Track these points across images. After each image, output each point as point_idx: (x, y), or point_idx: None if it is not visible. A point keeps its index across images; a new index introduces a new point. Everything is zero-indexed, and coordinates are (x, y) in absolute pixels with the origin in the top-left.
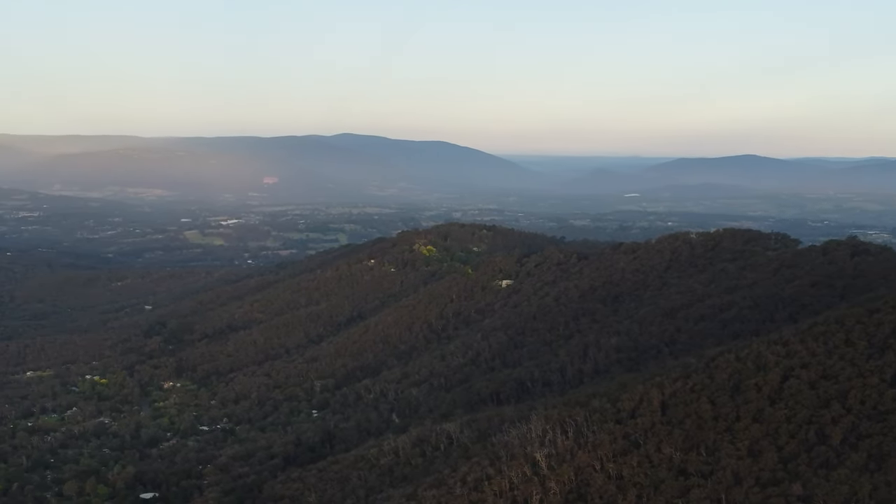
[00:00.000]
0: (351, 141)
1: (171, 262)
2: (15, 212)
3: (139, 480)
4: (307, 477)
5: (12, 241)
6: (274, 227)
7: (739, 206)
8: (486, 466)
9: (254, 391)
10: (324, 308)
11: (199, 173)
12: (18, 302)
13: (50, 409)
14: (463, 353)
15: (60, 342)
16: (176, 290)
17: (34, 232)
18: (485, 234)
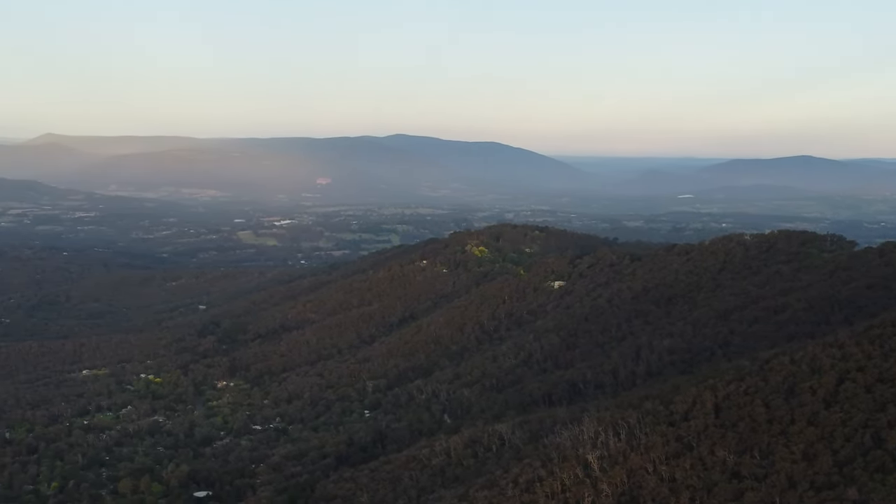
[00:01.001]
0: (404, 142)
1: (224, 262)
2: (71, 212)
3: (193, 479)
4: (359, 477)
5: (69, 241)
6: (327, 227)
7: (794, 207)
8: (538, 468)
9: (306, 391)
10: (376, 308)
11: (253, 174)
12: (75, 301)
13: (105, 407)
14: (515, 355)
15: (116, 341)
16: (229, 290)
17: (90, 232)
18: (537, 235)
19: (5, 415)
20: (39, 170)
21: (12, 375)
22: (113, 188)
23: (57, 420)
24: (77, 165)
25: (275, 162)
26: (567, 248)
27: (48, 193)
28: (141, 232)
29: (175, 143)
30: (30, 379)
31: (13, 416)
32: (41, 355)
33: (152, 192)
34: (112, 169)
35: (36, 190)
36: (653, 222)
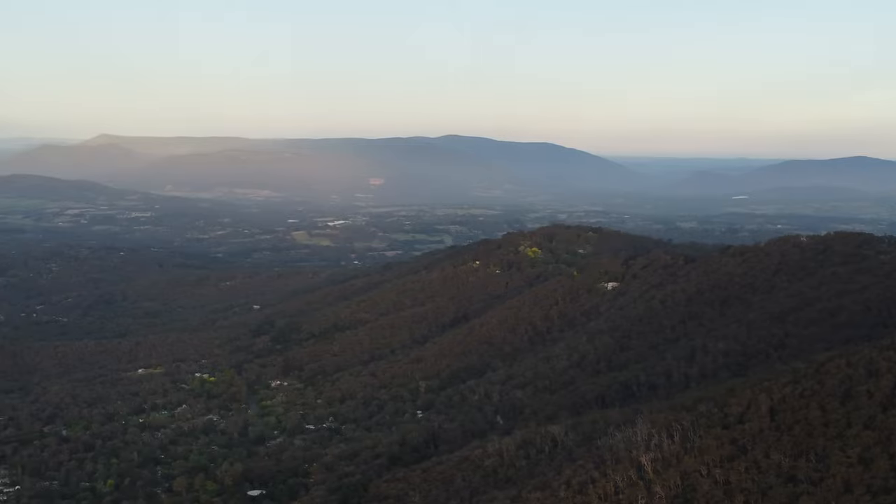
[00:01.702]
0: (457, 142)
1: (278, 262)
2: (127, 212)
3: (247, 478)
4: (412, 477)
5: (125, 240)
6: (380, 228)
7: (851, 208)
8: (591, 470)
9: (359, 391)
10: (429, 309)
11: (306, 175)
12: (131, 300)
13: (160, 405)
14: (568, 356)
15: (171, 340)
16: (283, 290)
17: (146, 232)
18: (590, 235)
19: (62, 413)
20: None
21: (69, 373)
22: (168, 188)
23: (113, 418)
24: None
25: (328, 162)
26: (620, 250)
27: (104, 194)
28: (196, 232)
29: (229, 143)
30: (86, 377)
31: (70, 414)
32: (98, 354)
33: (207, 193)
34: (167, 169)
35: (92, 190)
36: (707, 223)
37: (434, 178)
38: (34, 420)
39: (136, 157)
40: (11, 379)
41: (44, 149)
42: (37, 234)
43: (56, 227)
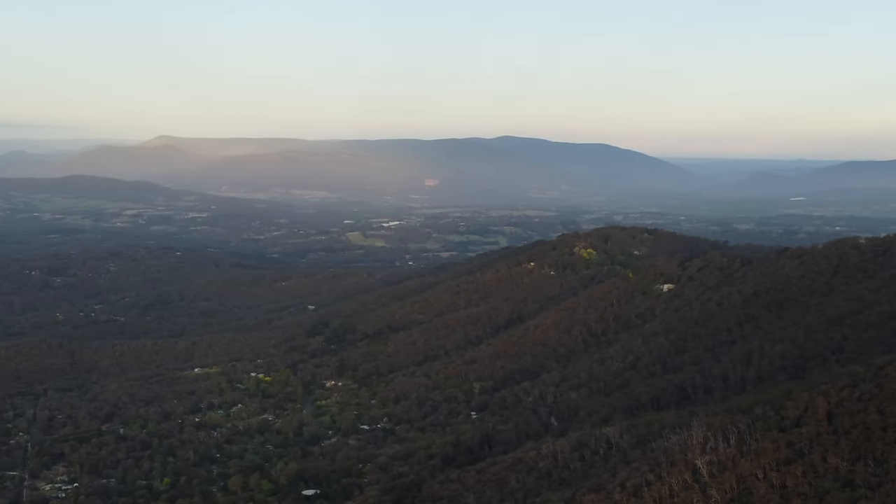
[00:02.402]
0: (512, 143)
1: (333, 262)
2: (184, 212)
3: (301, 477)
4: (466, 478)
5: (182, 240)
6: (434, 229)
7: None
8: (646, 472)
9: (413, 391)
10: (483, 310)
11: (362, 175)
12: (187, 300)
13: (216, 405)
14: (623, 358)
15: (227, 340)
16: (338, 291)
17: (202, 232)
18: (646, 237)
19: (120, 411)
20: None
21: (127, 372)
22: (225, 189)
23: (169, 417)
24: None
25: (383, 163)
26: (676, 251)
27: (162, 194)
28: (252, 232)
29: (286, 144)
30: (144, 376)
31: (127, 413)
32: (155, 353)
33: (263, 193)
34: (224, 170)
35: (150, 191)
36: (764, 225)
37: (489, 179)
38: (92, 418)
39: (193, 158)
40: (70, 377)
41: (103, 150)
42: (96, 234)
43: (114, 227)
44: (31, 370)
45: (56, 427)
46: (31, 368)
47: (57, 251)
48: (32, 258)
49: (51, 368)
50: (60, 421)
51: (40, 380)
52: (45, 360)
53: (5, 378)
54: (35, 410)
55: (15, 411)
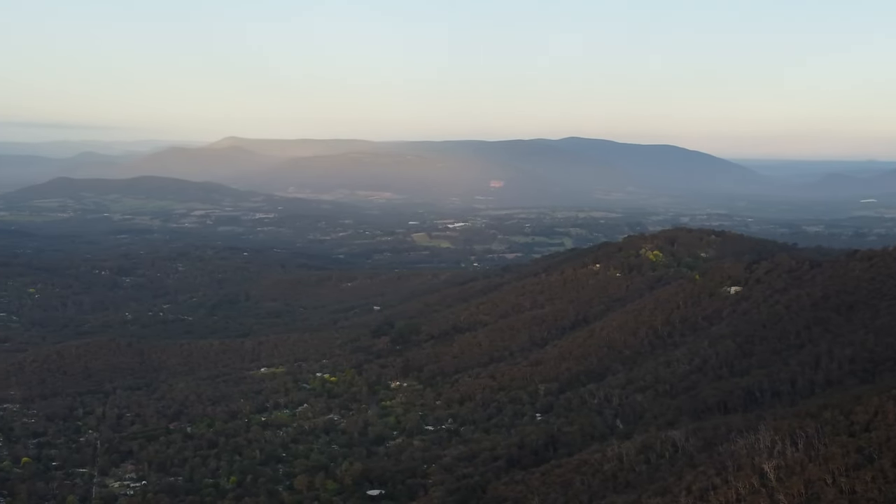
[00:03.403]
0: (577, 145)
1: (398, 263)
2: (251, 213)
3: (366, 477)
4: (530, 480)
5: (248, 241)
6: (500, 230)
7: None
8: (713, 476)
9: (478, 393)
10: (548, 311)
11: (427, 177)
12: (254, 300)
13: (282, 404)
14: (689, 360)
15: (293, 340)
16: (403, 292)
17: (269, 233)
18: (713, 239)
19: (188, 410)
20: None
21: (194, 372)
22: (291, 190)
23: (236, 416)
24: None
25: (448, 165)
26: (744, 253)
27: (229, 195)
28: (318, 233)
29: (351, 146)
30: (210, 375)
31: (195, 412)
32: (222, 353)
33: (329, 194)
34: (290, 171)
35: (218, 192)
36: (834, 227)
37: (555, 180)
38: (160, 417)
39: (260, 159)
40: (139, 376)
41: (172, 151)
42: (164, 234)
43: (182, 227)
44: (100, 369)
45: (125, 425)
46: (101, 367)
47: (126, 251)
48: (102, 258)
49: (120, 367)
50: (129, 419)
51: (110, 378)
52: (115, 358)
53: (76, 376)
54: (104, 408)
55: (85, 409)
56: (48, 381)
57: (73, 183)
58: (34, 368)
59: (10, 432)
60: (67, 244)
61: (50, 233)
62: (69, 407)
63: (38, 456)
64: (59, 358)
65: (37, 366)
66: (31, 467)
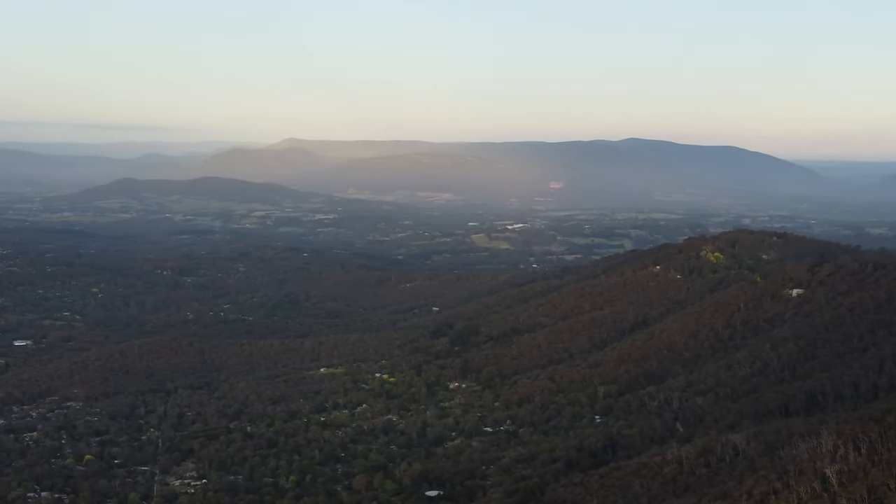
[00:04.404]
0: (638, 145)
1: (457, 264)
2: (311, 214)
3: (425, 478)
4: (589, 482)
5: (308, 242)
6: (559, 231)
7: None
8: (774, 480)
9: (537, 394)
10: (608, 313)
11: (487, 178)
12: (313, 301)
13: (341, 404)
14: (750, 363)
15: (352, 340)
16: (462, 293)
17: (329, 234)
18: (775, 241)
19: (247, 409)
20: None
21: (254, 371)
22: (351, 191)
23: (295, 416)
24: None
25: (508, 166)
26: (806, 255)
27: (290, 196)
28: (377, 234)
29: (411, 147)
30: (270, 375)
31: (255, 411)
32: (282, 353)
33: (389, 196)
34: (350, 172)
35: (278, 193)
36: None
37: (614, 181)
38: (221, 416)
39: (321, 160)
40: (200, 375)
41: (233, 152)
42: (225, 235)
43: (243, 228)
44: (162, 368)
45: (186, 424)
46: (163, 366)
47: (188, 251)
48: (164, 258)
49: (181, 366)
50: (190, 418)
51: (171, 377)
52: (176, 358)
53: (138, 375)
54: (166, 407)
55: (146, 408)
56: (111, 379)
57: (136, 184)
58: (97, 367)
59: (73, 430)
60: (130, 244)
61: (113, 233)
62: (131, 405)
63: (100, 454)
64: (121, 357)
65: (100, 364)
66: (94, 465)
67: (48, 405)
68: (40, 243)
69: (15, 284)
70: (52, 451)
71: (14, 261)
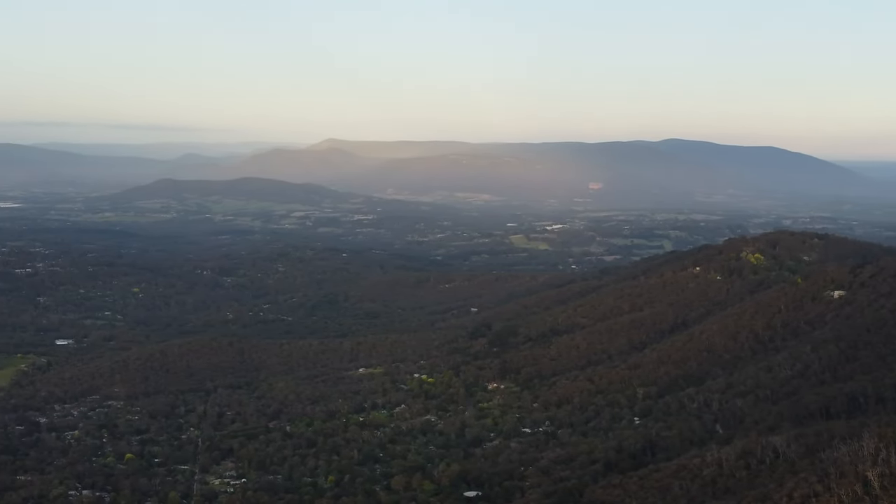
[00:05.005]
0: (677, 146)
1: (496, 265)
2: (350, 215)
3: (463, 478)
4: (628, 484)
5: (348, 242)
6: (598, 232)
7: None
8: (814, 483)
9: (576, 396)
10: (647, 315)
11: (525, 178)
12: (352, 301)
13: (380, 405)
14: (791, 365)
15: (391, 341)
16: (501, 294)
17: (368, 234)
18: (816, 242)
19: (287, 409)
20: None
21: (293, 371)
22: (390, 192)
23: (334, 416)
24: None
25: (546, 167)
26: (848, 257)
27: (329, 197)
28: (416, 235)
29: (450, 147)
30: (309, 375)
31: (294, 411)
32: (321, 353)
33: (427, 196)
34: (389, 173)
35: (318, 193)
36: None
37: (654, 182)
38: (260, 415)
39: (360, 161)
40: (239, 375)
41: (273, 153)
42: (265, 235)
43: (283, 228)
44: (202, 367)
45: (225, 423)
46: (203, 366)
47: (228, 252)
48: (204, 258)
49: (221, 366)
50: (229, 417)
51: (211, 377)
52: (216, 357)
53: (178, 375)
54: (206, 407)
55: (186, 407)
56: (151, 379)
57: (176, 184)
58: (138, 366)
59: (114, 429)
60: (170, 244)
61: (153, 233)
62: (171, 405)
63: (141, 452)
64: (162, 356)
65: (140, 364)
66: (135, 463)
67: (89, 404)
68: (82, 243)
69: (57, 284)
70: (94, 449)
71: (56, 261)
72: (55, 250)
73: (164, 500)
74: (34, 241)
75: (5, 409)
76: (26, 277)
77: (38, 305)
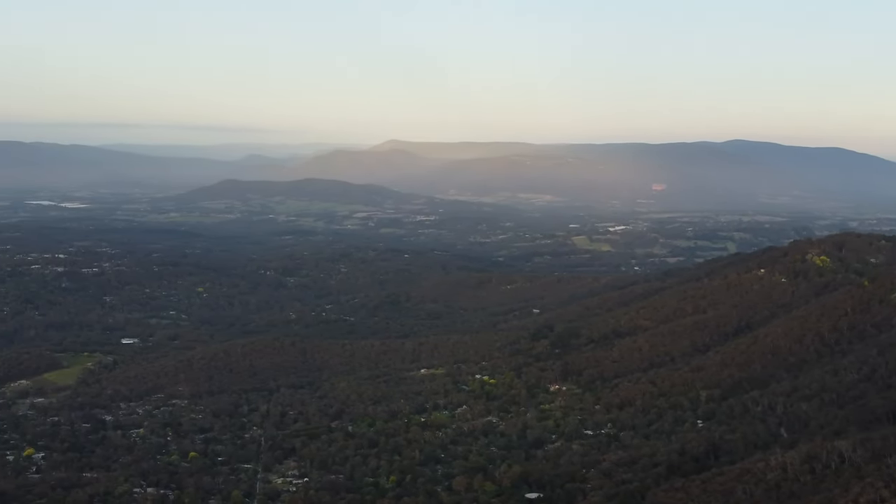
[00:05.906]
0: (742, 147)
1: (558, 266)
2: (413, 215)
3: (525, 480)
4: (690, 487)
5: (410, 243)
6: (661, 234)
7: None
8: (881, 488)
9: (638, 398)
10: (710, 317)
11: (588, 179)
12: (414, 301)
13: (441, 405)
14: (857, 369)
15: (452, 342)
16: (563, 295)
17: (430, 235)
18: (883, 244)
19: (349, 409)
20: (383, 175)
21: (355, 371)
22: (452, 193)
23: (396, 416)
24: (419, 171)
25: (609, 167)
26: None
27: (391, 197)
28: (478, 235)
29: (512, 148)
30: (371, 375)
31: (356, 411)
32: (382, 353)
33: (489, 197)
34: (451, 174)
35: (380, 194)
36: None
37: (718, 183)
38: (322, 415)
39: (422, 162)
40: (302, 375)
41: (336, 154)
42: (327, 235)
43: (345, 229)
44: (265, 367)
45: (288, 423)
46: (266, 366)
47: (291, 252)
48: (268, 259)
49: (283, 366)
50: (292, 417)
51: (274, 376)
52: (279, 357)
53: (241, 374)
54: (269, 406)
55: (250, 406)
56: (215, 378)
57: (240, 185)
58: (202, 366)
59: (178, 427)
60: (234, 244)
61: (217, 233)
62: (235, 404)
63: (204, 451)
64: (225, 356)
65: (204, 363)
66: (198, 462)
67: (154, 402)
68: (148, 243)
69: (123, 284)
70: (158, 447)
71: (122, 260)
72: (121, 250)
73: (228, 499)
74: (101, 241)
75: (72, 407)
76: (93, 277)
77: (104, 305)
